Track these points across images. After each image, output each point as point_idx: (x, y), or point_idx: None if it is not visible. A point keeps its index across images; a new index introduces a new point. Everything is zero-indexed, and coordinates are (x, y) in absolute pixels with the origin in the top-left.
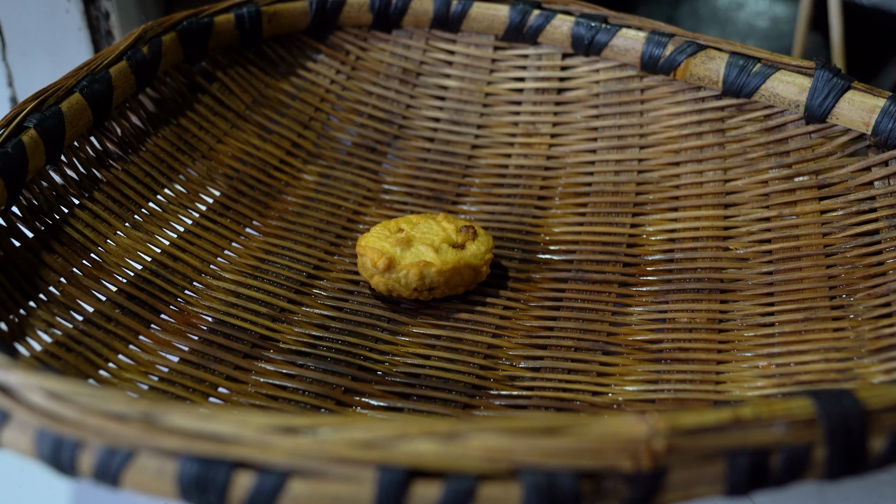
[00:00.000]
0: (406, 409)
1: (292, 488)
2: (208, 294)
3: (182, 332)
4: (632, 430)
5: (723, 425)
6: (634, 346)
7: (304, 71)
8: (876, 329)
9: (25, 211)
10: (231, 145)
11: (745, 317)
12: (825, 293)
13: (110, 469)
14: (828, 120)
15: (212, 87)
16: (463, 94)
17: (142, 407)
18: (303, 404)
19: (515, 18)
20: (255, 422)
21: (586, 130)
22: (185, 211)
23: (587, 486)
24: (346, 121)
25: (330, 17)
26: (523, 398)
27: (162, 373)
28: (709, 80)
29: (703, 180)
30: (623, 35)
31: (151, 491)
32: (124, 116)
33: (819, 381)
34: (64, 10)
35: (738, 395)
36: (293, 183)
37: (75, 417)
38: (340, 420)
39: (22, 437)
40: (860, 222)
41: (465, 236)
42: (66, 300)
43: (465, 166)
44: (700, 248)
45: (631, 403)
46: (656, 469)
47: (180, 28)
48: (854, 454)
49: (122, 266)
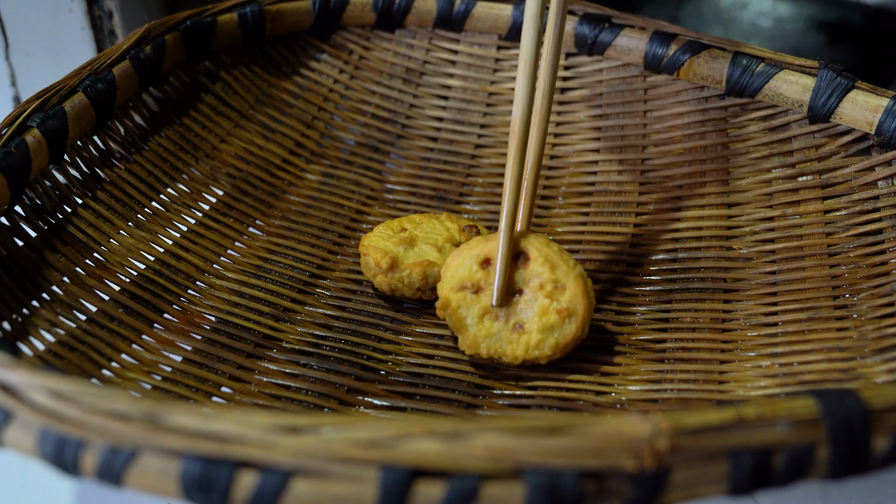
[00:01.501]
0: (409, 408)
1: (295, 488)
2: (211, 293)
3: (185, 331)
4: (635, 430)
5: (726, 425)
6: (638, 346)
7: (307, 70)
8: (879, 329)
9: (28, 210)
10: (234, 145)
11: (749, 316)
12: (829, 293)
13: (113, 468)
14: (831, 119)
15: (215, 86)
16: (466, 94)
17: (145, 406)
18: (306, 404)
19: (519, 18)
20: (258, 421)
21: (589, 130)
22: (188, 210)
23: (590, 485)
24: (350, 120)
25: (333, 17)
26: (526, 398)
27: (165, 372)
28: (712, 80)
29: (707, 180)
30: (626, 34)
31: (154, 490)
32: (127, 116)
33: (822, 381)
34: (67, 9)
35: (741, 394)
36: (296, 182)
37: (78, 417)
38: (343, 419)
39: (25, 437)
40: (864, 222)
41: (469, 236)
42: (69, 299)
43: (469, 166)
44: (703, 247)
45: (634, 403)
46: (659, 469)
47: (183, 27)
48: (857, 454)
49: (125, 265)
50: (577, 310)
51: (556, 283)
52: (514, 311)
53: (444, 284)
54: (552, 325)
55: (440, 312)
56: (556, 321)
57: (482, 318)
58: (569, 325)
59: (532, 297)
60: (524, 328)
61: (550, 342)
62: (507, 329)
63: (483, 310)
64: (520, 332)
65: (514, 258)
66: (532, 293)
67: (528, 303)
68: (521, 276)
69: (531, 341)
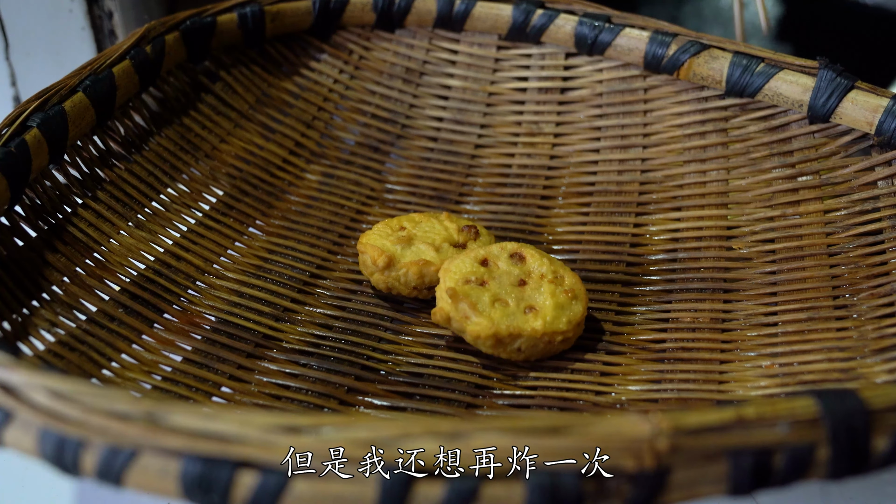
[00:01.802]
0: (409, 408)
1: (295, 488)
2: (211, 293)
3: (185, 331)
4: (635, 430)
5: (726, 425)
6: (638, 346)
7: (307, 70)
8: (879, 329)
9: (28, 210)
10: (234, 145)
11: (749, 316)
12: (828, 293)
13: (113, 468)
14: (831, 119)
15: (215, 86)
16: (466, 94)
17: (145, 406)
18: (306, 404)
19: (519, 18)
20: (257, 421)
21: (590, 130)
22: (188, 210)
23: (590, 485)
24: (350, 120)
25: (333, 17)
26: (526, 397)
27: (165, 372)
28: (712, 80)
29: (707, 180)
30: (626, 34)
31: (154, 490)
32: (127, 116)
33: (822, 381)
34: (67, 9)
35: (741, 394)
36: (296, 182)
37: (78, 417)
38: (343, 419)
39: (25, 437)
40: (863, 222)
41: (467, 236)
42: (69, 299)
43: (469, 166)
44: (703, 247)
45: (634, 403)
46: (659, 468)
47: (183, 27)
48: (857, 454)
49: (126, 265)
50: (580, 293)
51: (556, 273)
52: (522, 297)
53: (447, 281)
54: (563, 304)
55: (437, 316)
56: (565, 300)
57: (493, 303)
58: (576, 305)
59: (537, 284)
60: (536, 309)
61: (564, 318)
62: (519, 311)
63: (493, 297)
64: (533, 312)
65: (510, 257)
66: (535, 281)
67: (533, 289)
68: (522, 270)
69: (547, 317)
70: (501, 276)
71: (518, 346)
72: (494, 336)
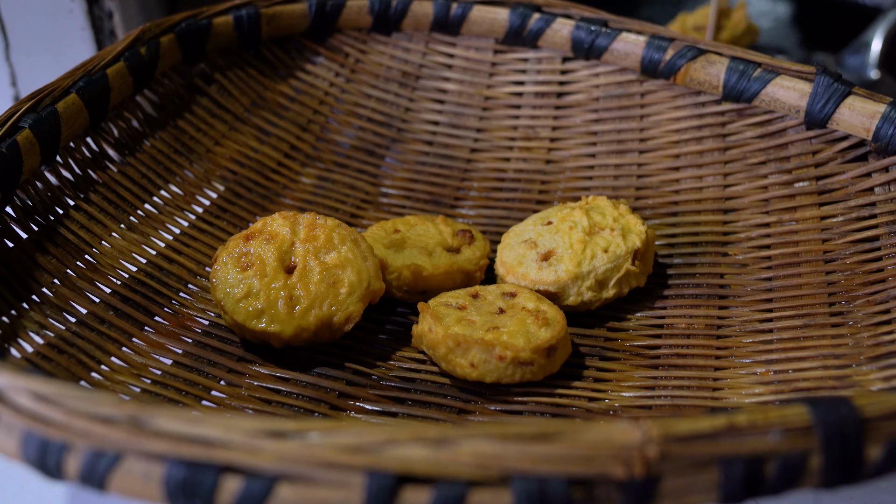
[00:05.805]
0: (400, 413)
1: (280, 493)
2: (203, 297)
3: (176, 334)
4: (625, 437)
5: (717, 432)
6: (632, 352)
7: (302, 73)
8: (875, 336)
9: (19, 211)
10: (229, 147)
11: (744, 323)
12: (824, 300)
13: (96, 472)
14: (828, 125)
15: (210, 88)
16: (462, 98)
17: (129, 410)
18: (296, 408)
19: (515, 22)
20: (243, 426)
21: (586, 135)
22: (181, 213)
23: (579, 493)
24: (345, 123)
25: (329, 20)
26: (519, 404)
27: (155, 376)
28: (709, 85)
29: (703, 185)
30: (623, 39)
31: (138, 495)
32: (121, 118)
33: (817, 388)
34: (67, 9)
35: (735, 401)
36: (291, 185)
37: (62, 420)
38: (329, 424)
39: (8, 440)
40: (860, 228)
41: (462, 240)
42: (59, 302)
43: (464, 170)
44: (699, 253)
45: (627, 409)
46: (649, 476)
47: (179, 29)
48: (850, 462)
49: (117, 268)
50: (555, 324)
51: (539, 308)
52: (492, 321)
53: (430, 304)
54: (527, 327)
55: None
56: (532, 324)
57: (459, 321)
58: (544, 331)
59: (513, 313)
60: (498, 328)
61: (522, 339)
62: (481, 329)
63: (462, 317)
64: (494, 330)
65: (502, 294)
66: (514, 311)
67: (508, 316)
68: (507, 304)
69: (504, 335)
70: (482, 304)
71: (470, 361)
72: (445, 343)
